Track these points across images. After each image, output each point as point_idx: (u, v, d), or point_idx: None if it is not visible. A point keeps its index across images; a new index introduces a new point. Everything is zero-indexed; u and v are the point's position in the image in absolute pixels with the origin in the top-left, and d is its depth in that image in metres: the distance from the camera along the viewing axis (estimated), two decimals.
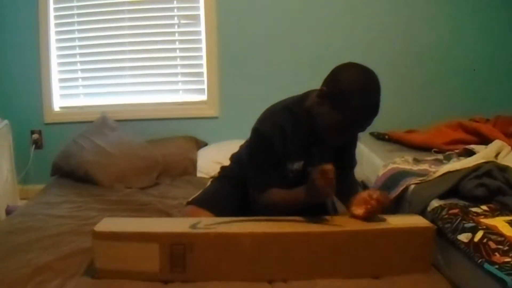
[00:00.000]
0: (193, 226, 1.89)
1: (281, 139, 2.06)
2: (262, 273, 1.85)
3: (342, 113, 1.91)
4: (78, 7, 4.08)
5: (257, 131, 2.11)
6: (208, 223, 1.93)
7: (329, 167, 1.84)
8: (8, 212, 3.20)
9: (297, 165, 2.13)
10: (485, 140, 3.04)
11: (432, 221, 2.07)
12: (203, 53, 4.10)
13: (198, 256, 1.81)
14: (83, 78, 4.25)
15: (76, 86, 4.25)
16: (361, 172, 3.38)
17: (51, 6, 4.03)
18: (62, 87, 4.21)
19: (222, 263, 1.84)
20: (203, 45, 4.08)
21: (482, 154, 2.60)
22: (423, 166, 2.77)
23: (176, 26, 4.13)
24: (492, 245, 1.75)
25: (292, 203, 2.04)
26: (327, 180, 1.84)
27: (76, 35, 4.14)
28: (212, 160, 3.45)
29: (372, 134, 3.77)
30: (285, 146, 2.07)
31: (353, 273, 1.86)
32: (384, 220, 1.96)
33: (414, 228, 1.94)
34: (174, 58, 4.19)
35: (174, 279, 1.83)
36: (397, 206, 2.53)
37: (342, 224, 1.95)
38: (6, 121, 3.63)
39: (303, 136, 2.10)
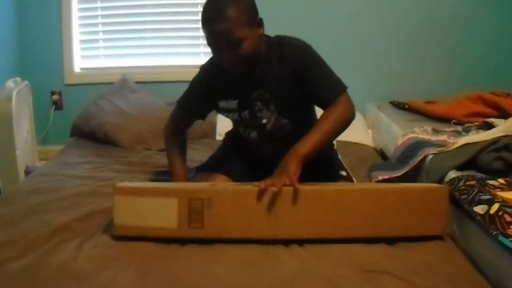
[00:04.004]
0: (212, 185, 1.92)
1: (212, 75, 2.22)
2: (278, 230, 1.84)
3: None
4: None
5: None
6: (226, 184, 1.97)
7: None
8: (27, 172, 3.24)
9: (231, 104, 2.21)
10: (504, 114, 3.02)
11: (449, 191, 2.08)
12: None
13: (215, 213, 1.81)
14: (104, 40, 4.26)
15: (97, 48, 4.28)
16: (379, 140, 3.40)
17: None
18: (83, 48, 4.24)
19: (239, 219, 1.84)
20: None
21: (502, 128, 2.57)
22: (442, 137, 2.77)
23: None
24: (508, 218, 1.74)
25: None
26: None
27: None
28: (232, 123, 3.44)
29: (392, 103, 3.77)
30: (216, 82, 2.20)
31: (369, 232, 1.85)
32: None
33: (427, 188, 1.95)
34: (196, 21, 4.14)
35: (191, 235, 1.83)
36: (415, 175, 2.54)
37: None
38: (26, 82, 3.65)
39: (236, 77, 2.12)
